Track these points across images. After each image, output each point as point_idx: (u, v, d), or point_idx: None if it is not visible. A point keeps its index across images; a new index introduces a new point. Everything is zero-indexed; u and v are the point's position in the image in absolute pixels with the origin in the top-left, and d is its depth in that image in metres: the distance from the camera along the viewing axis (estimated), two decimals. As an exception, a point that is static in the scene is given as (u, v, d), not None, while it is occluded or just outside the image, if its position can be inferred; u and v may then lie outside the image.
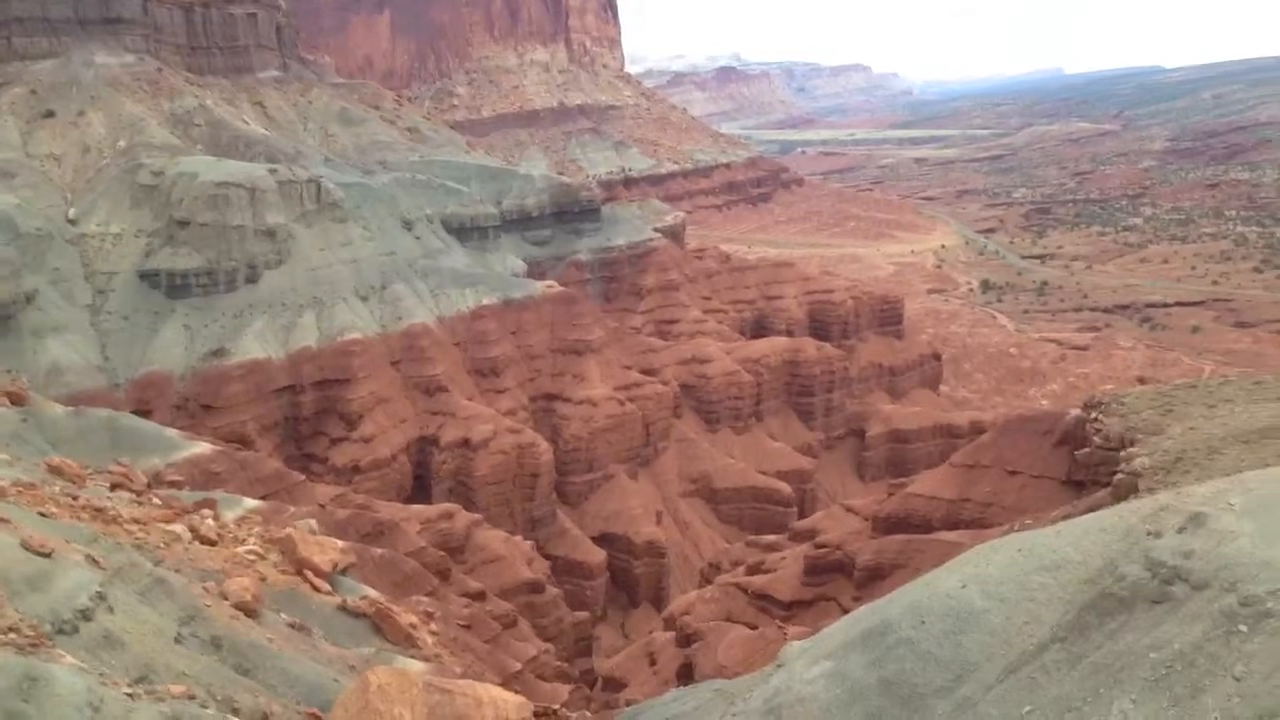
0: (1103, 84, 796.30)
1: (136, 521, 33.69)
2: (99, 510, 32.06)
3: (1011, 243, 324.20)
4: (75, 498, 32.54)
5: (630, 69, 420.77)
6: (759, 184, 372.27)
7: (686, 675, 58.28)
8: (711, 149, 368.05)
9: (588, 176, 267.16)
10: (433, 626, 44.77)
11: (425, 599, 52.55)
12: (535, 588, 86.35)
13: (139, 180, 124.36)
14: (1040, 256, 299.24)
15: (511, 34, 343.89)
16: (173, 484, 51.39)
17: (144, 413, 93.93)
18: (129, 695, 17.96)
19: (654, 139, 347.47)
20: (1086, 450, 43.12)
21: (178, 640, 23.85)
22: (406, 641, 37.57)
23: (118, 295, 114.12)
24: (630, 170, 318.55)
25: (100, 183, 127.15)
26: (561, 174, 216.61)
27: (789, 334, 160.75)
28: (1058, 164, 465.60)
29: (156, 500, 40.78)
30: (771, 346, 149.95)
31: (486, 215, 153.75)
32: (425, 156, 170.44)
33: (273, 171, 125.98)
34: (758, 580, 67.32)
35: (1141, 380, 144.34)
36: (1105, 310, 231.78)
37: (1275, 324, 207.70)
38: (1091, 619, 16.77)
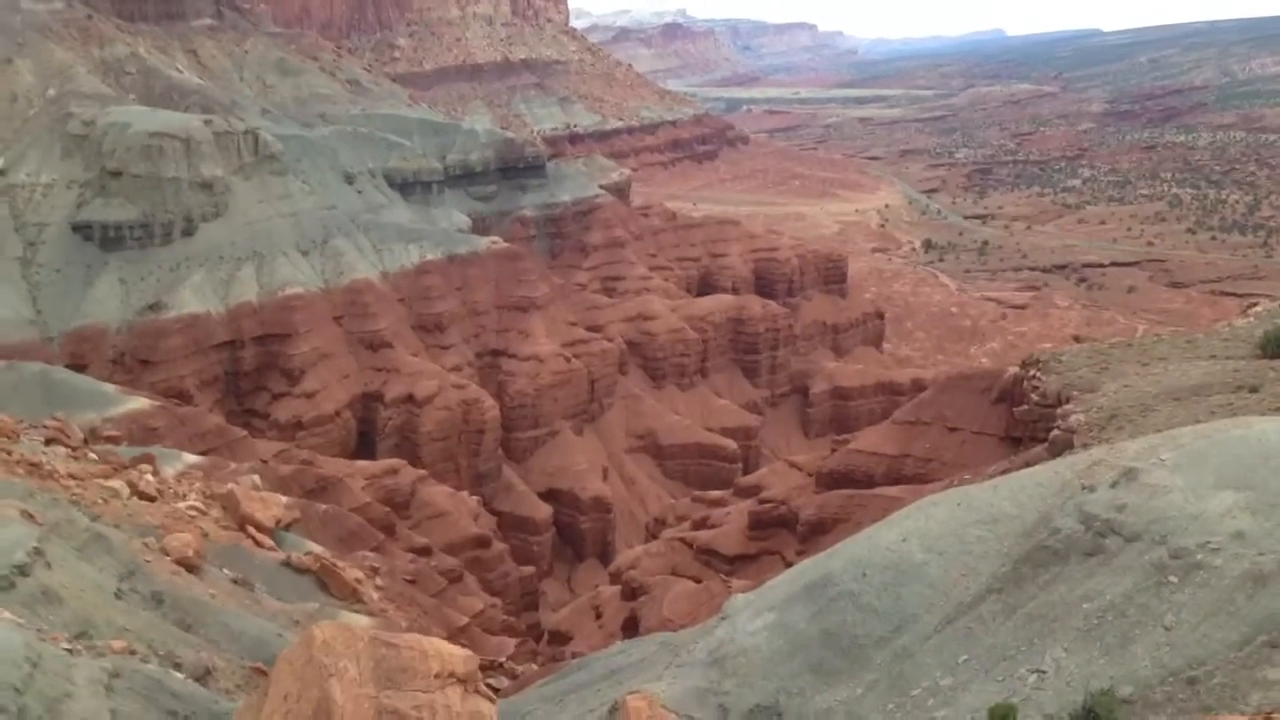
0: (1043, 46, 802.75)
1: (73, 477, 33.10)
2: (34, 465, 31.43)
3: (954, 203, 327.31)
4: (9, 453, 31.84)
5: (574, 24, 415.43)
6: (704, 141, 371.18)
7: (632, 628, 58.83)
8: (657, 106, 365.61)
9: (532, 132, 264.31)
10: (378, 581, 44.76)
11: (370, 554, 52.40)
12: (481, 543, 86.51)
13: (69, 130, 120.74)
14: (981, 217, 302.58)
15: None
16: (110, 439, 50.44)
17: (79, 367, 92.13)
18: (68, 650, 17.75)
19: (599, 95, 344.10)
20: (1024, 407, 43.84)
21: (118, 596, 23.58)
22: (352, 596, 37.53)
23: (49, 247, 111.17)
24: (575, 126, 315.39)
25: (29, 132, 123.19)
26: (506, 129, 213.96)
27: (734, 292, 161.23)
28: (999, 125, 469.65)
29: (93, 456, 40.05)
30: (717, 304, 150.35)
31: (430, 170, 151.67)
32: (366, 110, 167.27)
33: (208, 122, 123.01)
34: (703, 535, 67.97)
35: (1078, 339, 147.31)
36: (1044, 270, 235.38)
37: (1207, 284, 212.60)
38: (1027, 571, 17.17)
